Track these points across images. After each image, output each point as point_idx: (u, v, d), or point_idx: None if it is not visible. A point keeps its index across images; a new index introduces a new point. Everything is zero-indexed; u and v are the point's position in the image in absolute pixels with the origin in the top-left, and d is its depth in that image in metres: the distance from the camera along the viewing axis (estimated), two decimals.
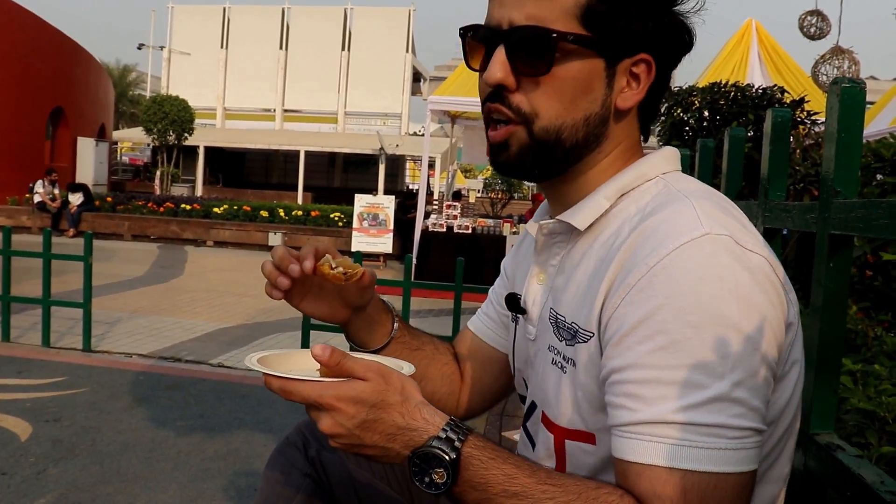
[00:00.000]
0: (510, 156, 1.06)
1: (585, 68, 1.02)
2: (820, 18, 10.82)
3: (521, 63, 1.02)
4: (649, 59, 1.05)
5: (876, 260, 3.40)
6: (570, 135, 1.04)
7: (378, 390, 0.92)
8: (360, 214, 13.38)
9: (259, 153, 32.32)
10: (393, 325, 1.34)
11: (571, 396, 1.03)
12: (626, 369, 0.90)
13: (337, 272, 1.14)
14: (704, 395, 0.85)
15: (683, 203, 0.96)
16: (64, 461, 3.43)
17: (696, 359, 0.85)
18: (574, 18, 1.01)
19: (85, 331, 5.74)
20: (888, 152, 3.47)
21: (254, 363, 1.01)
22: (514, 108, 1.04)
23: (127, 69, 47.19)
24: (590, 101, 1.04)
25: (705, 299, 0.86)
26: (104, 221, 17.17)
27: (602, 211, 1.06)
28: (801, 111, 5.46)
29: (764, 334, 0.88)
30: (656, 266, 0.89)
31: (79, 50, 23.78)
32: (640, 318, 0.89)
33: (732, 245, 0.90)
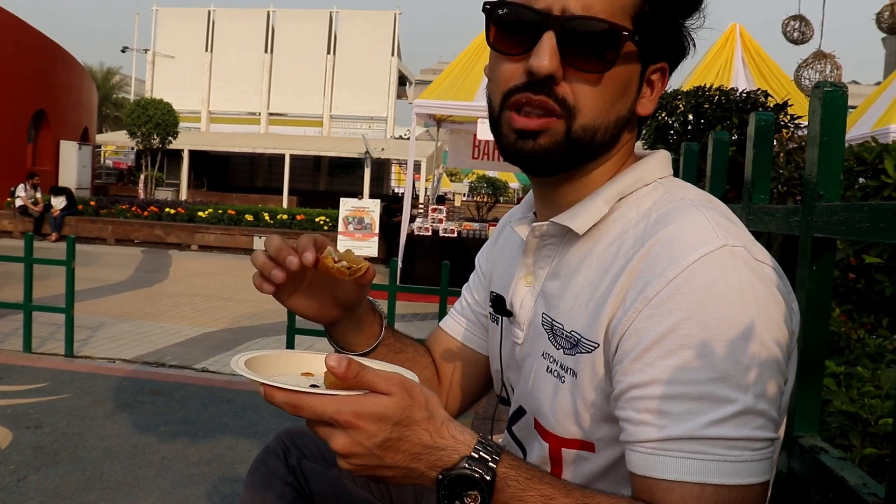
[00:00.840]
0: (538, 147, 1.00)
1: (629, 70, 1.01)
2: (803, 23, 10.91)
3: (575, 56, 0.96)
4: (666, 66, 1.06)
5: (859, 263, 3.42)
6: (602, 136, 1.01)
7: (403, 406, 0.85)
8: (345, 218, 13.35)
9: (244, 157, 32.20)
10: (381, 327, 1.28)
11: (570, 406, 1.01)
12: (649, 385, 0.87)
13: (341, 266, 1.07)
14: (732, 410, 0.84)
15: (694, 213, 0.95)
16: (45, 468, 3.40)
17: (721, 373, 0.84)
18: (627, 17, 0.98)
19: (67, 336, 5.69)
20: (870, 156, 3.50)
21: (245, 370, 0.94)
22: (559, 100, 0.97)
23: (110, 72, 46.95)
24: (623, 103, 1.02)
25: (728, 313, 0.85)
26: (87, 225, 17.06)
27: (601, 215, 1.03)
28: (784, 115, 5.49)
29: (780, 345, 0.88)
30: (676, 279, 0.88)
31: (61, 52, 23.62)
32: (663, 333, 0.87)
33: (748, 257, 0.90)
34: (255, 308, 8.60)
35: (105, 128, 40.36)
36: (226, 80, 33.14)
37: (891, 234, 1.01)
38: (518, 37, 0.99)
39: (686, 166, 2.48)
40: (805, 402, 1.30)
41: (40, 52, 22.05)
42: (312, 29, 33.14)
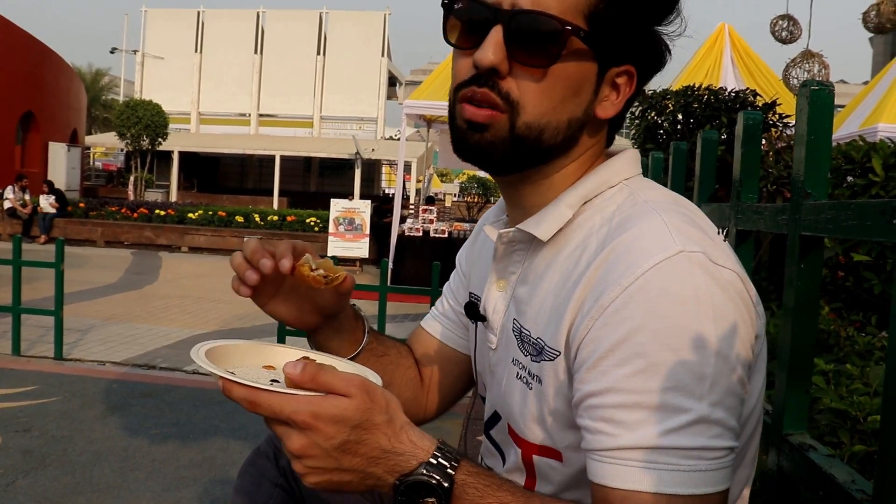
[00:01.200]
0: (484, 140, 0.99)
1: (581, 70, 0.98)
2: (791, 23, 10.96)
3: (520, 50, 0.95)
4: (633, 70, 1.03)
5: (847, 261, 3.44)
6: (551, 136, 0.99)
7: (362, 408, 0.84)
8: (335, 219, 13.34)
9: (234, 158, 32.13)
10: (364, 333, 1.26)
11: (538, 413, 1.00)
12: (604, 393, 0.86)
13: (317, 275, 1.04)
14: (686, 419, 0.83)
15: (653, 217, 0.93)
16: (34, 472, 3.38)
17: (675, 382, 0.83)
18: (580, 14, 0.96)
19: (57, 339, 5.66)
20: (858, 155, 3.51)
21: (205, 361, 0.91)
22: (503, 94, 0.97)
23: (99, 73, 46.79)
24: (576, 104, 1.00)
25: (683, 321, 0.84)
26: (77, 227, 16.99)
27: (565, 221, 1.02)
28: (773, 114, 5.51)
29: (738, 353, 0.87)
30: (631, 287, 0.86)
31: (50, 53, 23.52)
32: (617, 341, 0.86)
33: (706, 262, 0.88)
34: (246, 309, 8.58)
35: (94, 129, 40.21)
36: (215, 82, 33.05)
37: (877, 232, 1.01)
38: (470, 32, 0.99)
39: (675, 165, 2.49)
40: (794, 400, 1.30)
41: (28, 54, 21.95)
42: (302, 30, 33.10)
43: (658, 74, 1.09)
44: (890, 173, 3.33)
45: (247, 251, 1.06)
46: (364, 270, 13.73)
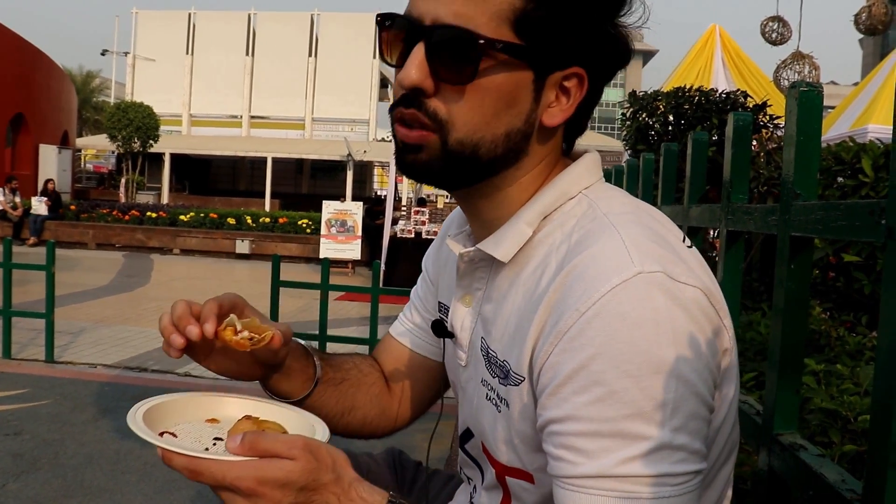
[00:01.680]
0: (418, 160, 0.96)
1: (512, 80, 0.92)
2: (781, 24, 11.00)
3: (441, 67, 0.91)
4: (582, 73, 0.96)
5: (838, 261, 3.46)
6: (487, 150, 0.94)
7: (307, 469, 0.84)
8: (328, 221, 13.34)
9: (226, 160, 32.10)
10: (315, 370, 1.20)
11: (507, 436, 0.99)
12: (565, 421, 0.85)
13: (241, 339, 0.99)
14: (646, 446, 0.81)
15: (610, 235, 0.89)
16: (25, 475, 3.37)
17: (635, 409, 0.81)
18: (506, 22, 0.90)
19: (48, 341, 5.64)
20: (848, 155, 3.53)
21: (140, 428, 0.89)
22: (430, 113, 0.93)
23: (90, 75, 46.66)
24: (513, 115, 0.94)
25: (642, 346, 0.82)
26: (68, 230, 16.94)
27: (525, 240, 0.98)
28: (763, 115, 5.54)
29: (701, 374, 0.85)
30: (588, 312, 0.83)
31: (40, 55, 23.45)
32: (575, 368, 0.84)
33: (666, 281, 0.85)
34: None
35: (85, 131, 40.07)
36: (207, 83, 32.99)
37: (866, 233, 1.02)
38: (400, 49, 0.96)
39: (666, 167, 2.50)
40: (784, 400, 1.31)
41: (19, 56, 21.88)
42: (293, 31, 33.07)
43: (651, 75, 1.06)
44: (879, 174, 3.35)
45: (174, 315, 1.02)
46: (356, 272, 13.73)
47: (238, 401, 1.06)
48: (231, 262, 15.64)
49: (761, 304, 3.30)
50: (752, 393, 2.03)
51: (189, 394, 1.05)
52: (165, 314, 1.03)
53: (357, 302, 9.64)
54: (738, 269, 1.77)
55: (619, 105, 6.59)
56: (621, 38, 0.98)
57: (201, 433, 0.97)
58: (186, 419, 1.00)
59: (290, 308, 8.30)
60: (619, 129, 6.66)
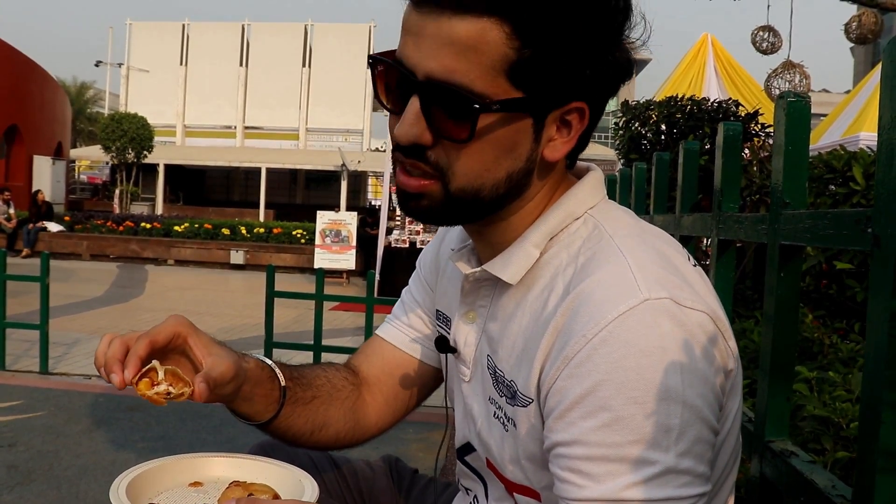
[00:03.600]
0: (421, 206, 0.96)
1: (512, 130, 0.91)
2: (772, 33, 11.06)
3: (438, 122, 0.90)
4: (583, 106, 0.94)
5: (830, 269, 3.47)
6: (490, 192, 0.95)
7: None
8: (322, 231, 13.35)
9: (220, 170, 32.06)
10: (280, 390, 1.15)
11: (514, 455, 1.00)
12: (571, 444, 0.86)
13: (156, 393, 0.94)
14: (652, 471, 0.83)
15: (617, 260, 0.90)
16: (19, 487, 3.36)
17: (640, 435, 0.83)
18: (501, 74, 0.87)
19: (42, 353, 5.63)
20: (839, 164, 3.55)
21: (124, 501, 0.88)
22: (431, 163, 0.93)
23: (84, 86, 46.65)
24: (514, 158, 0.94)
25: (648, 374, 0.83)
26: (62, 241, 16.91)
27: (533, 261, 0.99)
28: (755, 124, 5.57)
29: (706, 399, 0.86)
30: (594, 339, 0.85)
31: (34, 67, 23.44)
32: (582, 394, 0.85)
33: (672, 307, 0.86)
34: (232, 322, 8.56)
35: (79, 142, 40.06)
36: (201, 94, 33.00)
37: (853, 241, 1.03)
38: (395, 94, 0.95)
39: (658, 176, 2.52)
40: (775, 407, 1.32)
41: (12, 67, 21.87)
42: (287, 42, 33.11)
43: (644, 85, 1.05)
44: (871, 182, 3.37)
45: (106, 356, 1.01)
46: (351, 282, 13.73)
47: (221, 460, 1.05)
48: (225, 272, 15.62)
49: (755, 312, 3.31)
50: (745, 400, 2.04)
51: (170, 458, 1.03)
52: (100, 349, 1.01)
53: (352, 312, 9.63)
54: (729, 277, 1.78)
55: (613, 114, 6.62)
56: (621, 60, 0.95)
57: (186, 500, 0.97)
58: (169, 486, 0.99)
59: (284, 318, 8.29)
60: (613, 139, 6.69)
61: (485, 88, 0.87)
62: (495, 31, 0.85)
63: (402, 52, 0.91)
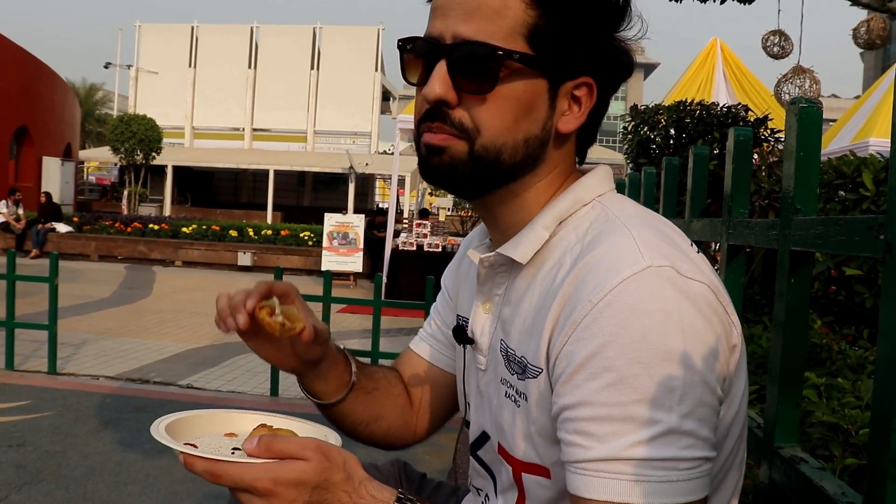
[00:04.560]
0: (444, 162, 1.02)
1: (529, 88, 1.00)
2: (782, 38, 11.03)
3: (463, 80, 0.99)
4: (591, 82, 1.03)
5: (839, 275, 3.46)
6: (509, 155, 1.01)
7: (320, 469, 0.89)
8: (329, 233, 13.35)
9: (228, 172, 32.13)
10: (351, 375, 1.27)
11: (525, 430, 1.02)
12: (577, 407, 0.89)
13: (273, 321, 1.06)
14: (655, 430, 0.85)
15: (622, 233, 0.95)
16: (27, 487, 3.37)
17: (644, 394, 0.85)
18: (520, 37, 0.98)
19: (50, 353, 5.65)
20: (849, 169, 3.54)
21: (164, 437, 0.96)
22: (455, 123, 1.00)
23: (93, 88, 46.82)
24: (531, 121, 1.02)
25: (651, 335, 0.86)
26: (70, 242, 16.96)
27: (542, 242, 1.04)
28: (764, 129, 5.55)
29: (708, 363, 0.89)
30: (600, 303, 0.88)
31: (44, 68, 23.55)
32: (587, 356, 0.88)
33: (674, 276, 0.89)
34: None
35: (88, 144, 40.18)
36: (209, 96, 33.06)
37: (864, 248, 1.03)
38: (423, 69, 1.03)
39: (667, 180, 2.51)
40: (785, 414, 1.31)
41: (23, 69, 21.98)
42: (296, 45, 33.16)
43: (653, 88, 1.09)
44: (880, 188, 3.36)
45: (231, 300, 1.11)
46: (358, 285, 13.73)
47: (255, 416, 1.11)
48: (233, 274, 15.65)
49: (763, 318, 3.30)
50: (754, 406, 2.04)
51: (207, 410, 1.10)
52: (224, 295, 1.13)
53: (359, 314, 9.64)
54: (739, 282, 1.78)
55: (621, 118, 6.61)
56: (624, 51, 1.05)
57: (220, 445, 1.02)
58: (206, 433, 1.05)
59: None
60: (621, 143, 6.68)
61: (506, 46, 0.98)
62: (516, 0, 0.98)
63: (431, 28, 1.02)
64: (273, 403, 5.14)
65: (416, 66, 1.04)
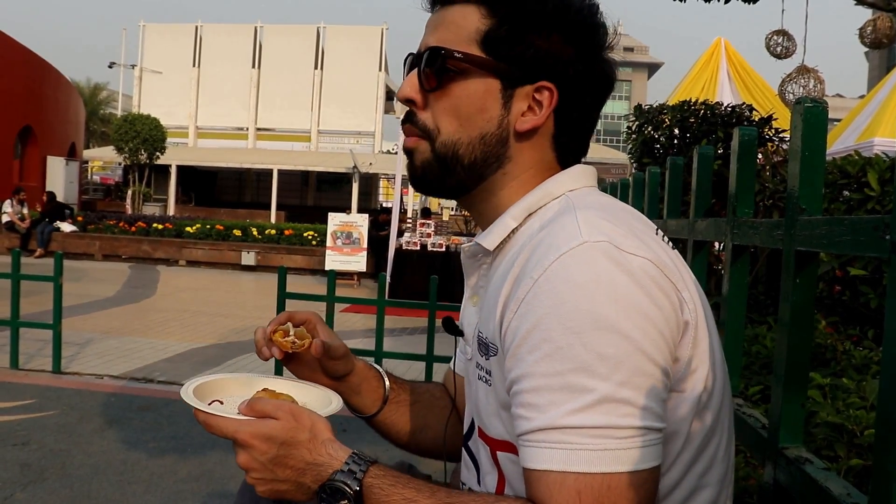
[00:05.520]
0: (416, 164, 1.15)
1: (480, 88, 1.09)
2: (786, 38, 11.01)
3: (425, 79, 1.11)
4: (551, 86, 1.09)
5: (844, 275, 3.46)
6: (466, 151, 1.11)
7: (287, 427, 1.01)
8: (333, 233, 13.35)
9: (232, 172, 32.16)
10: (384, 388, 1.39)
11: (495, 408, 1.06)
12: (521, 379, 0.93)
13: (285, 341, 1.25)
14: (591, 398, 0.87)
15: (568, 215, 1.00)
16: (32, 486, 3.38)
17: (579, 363, 0.88)
18: (474, 43, 1.09)
19: (55, 352, 5.66)
20: (854, 169, 3.54)
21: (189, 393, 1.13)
22: (420, 125, 1.13)
23: (98, 88, 46.95)
24: (485, 119, 1.10)
25: (584, 305, 0.89)
26: (74, 241, 16.99)
27: (509, 231, 1.10)
28: (769, 129, 5.54)
29: (648, 333, 0.90)
30: (540, 279, 0.93)
31: (48, 68, 23.58)
32: (528, 329, 0.92)
33: (611, 249, 0.93)
34: (243, 323, 8.58)
35: (92, 143, 40.27)
36: (213, 96, 33.10)
37: (870, 248, 1.03)
38: None
39: (671, 180, 2.51)
40: (789, 414, 1.31)
41: (27, 68, 22.01)
42: (299, 44, 33.18)
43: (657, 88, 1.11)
44: (885, 188, 3.35)
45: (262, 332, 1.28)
46: (362, 284, 13.74)
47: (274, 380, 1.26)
48: (237, 273, 15.67)
49: (767, 318, 3.30)
50: (758, 406, 2.03)
51: (235, 374, 1.26)
52: (259, 330, 1.29)
53: (363, 314, 9.64)
54: (743, 282, 1.77)
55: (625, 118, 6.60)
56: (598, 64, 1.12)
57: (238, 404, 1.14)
58: (234, 394, 1.20)
59: None
60: (625, 143, 6.68)
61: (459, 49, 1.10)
62: (475, 12, 1.10)
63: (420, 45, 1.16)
64: None
65: None
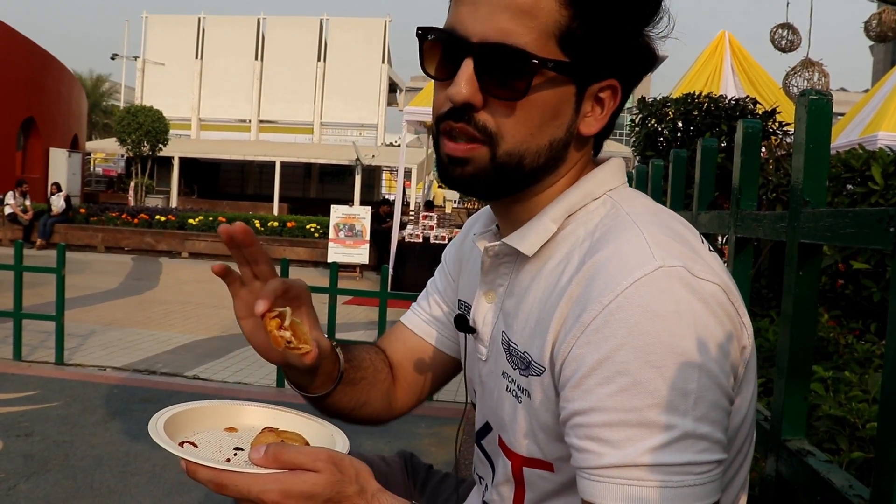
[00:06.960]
0: (466, 173, 0.99)
1: (558, 94, 0.97)
2: (790, 31, 10.98)
3: (493, 84, 0.94)
4: (616, 84, 1.01)
5: (847, 269, 3.45)
6: (532, 160, 0.99)
7: (332, 482, 0.85)
8: (336, 225, 13.35)
9: (234, 164, 32.17)
10: (339, 371, 1.20)
11: (528, 426, 1.00)
12: (589, 412, 0.86)
13: (279, 335, 0.99)
14: (670, 435, 0.83)
15: (632, 232, 0.92)
16: (35, 476, 3.39)
17: (658, 398, 0.83)
18: (552, 39, 0.93)
19: (58, 344, 5.67)
20: (858, 163, 3.53)
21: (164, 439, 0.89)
22: (479, 126, 0.96)
23: (100, 79, 46.88)
24: (556, 126, 0.99)
25: (664, 337, 0.84)
26: (77, 233, 17.00)
27: (549, 235, 1.02)
28: (772, 122, 5.53)
29: (721, 366, 0.87)
30: (611, 304, 0.86)
31: (51, 59, 23.55)
32: (599, 360, 0.86)
33: (686, 276, 0.87)
34: None
35: (95, 135, 40.27)
36: (216, 88, 33.08)
37: (874, 240, 1.03)
38: (444, 63, 0.99)
39: (675, 173, 2.51)
40: (792, 407, 1.31)
41: (30, 60, 21.99)
42: (302, 36, 33.14)
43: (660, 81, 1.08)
44: (889, 181, 3.35)
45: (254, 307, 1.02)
46: (364, 276, 13.75)
47: (257, 410, 1.07)
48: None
49: (770, 311, 3.30)
50: (761, 399, 2.04)
51: (208, 402, 1.05)
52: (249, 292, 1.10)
53: (365, 306, 9.65)
54: (746, 275, 1.77)
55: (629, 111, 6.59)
56: (648, 47, 1.01)
57: (221, 443, 0.98)
58: (205, 428, 1.01)
59: None
60: (629, 135, 6.66)
61: (537, 51, 0.93)
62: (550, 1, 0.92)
63: (456, 20, 0.96)
64: (279, 394, 5.16)
65: (436, 58, 1.00)
